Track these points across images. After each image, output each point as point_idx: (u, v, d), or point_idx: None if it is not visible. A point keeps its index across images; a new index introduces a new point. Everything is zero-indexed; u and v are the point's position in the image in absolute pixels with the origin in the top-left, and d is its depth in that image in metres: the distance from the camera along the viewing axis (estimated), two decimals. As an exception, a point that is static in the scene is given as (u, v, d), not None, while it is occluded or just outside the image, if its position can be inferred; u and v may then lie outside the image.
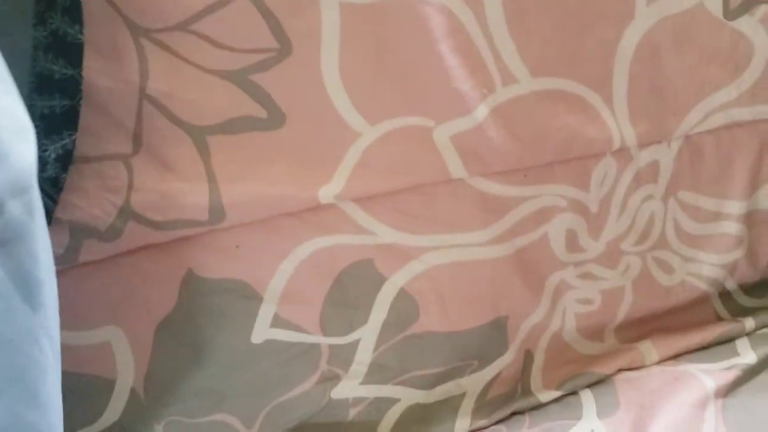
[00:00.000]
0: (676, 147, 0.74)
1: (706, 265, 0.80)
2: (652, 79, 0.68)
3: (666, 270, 0.79)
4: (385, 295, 0.67)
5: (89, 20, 0.51)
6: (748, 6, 0.69)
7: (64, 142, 0.53)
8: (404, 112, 0.61)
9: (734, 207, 0.78)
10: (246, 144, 0.58)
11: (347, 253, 0.65)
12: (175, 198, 0.58)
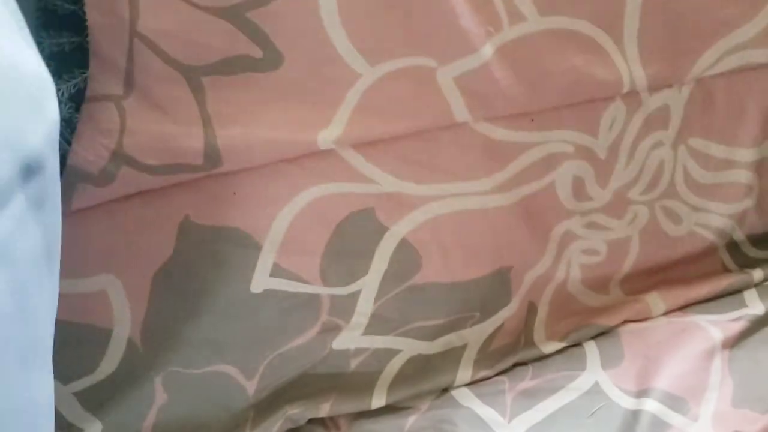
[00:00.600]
0: (687, 91, 0.71)
1: (715, 215, 0.79)
2: (665, 18, 0.65)
3: (674, 220, 0.78)
4: (387, 246, 0.66)
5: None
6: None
7: (76, 80, 0.52)
8: (406, 52, 0.59)
9: (745, 155, 0.76)
10: (242, 85, 0.56)
11: (348, 201, 0.63)
12: (169, 141, 0.56)
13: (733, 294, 0.78)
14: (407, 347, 0.71)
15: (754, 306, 0.75)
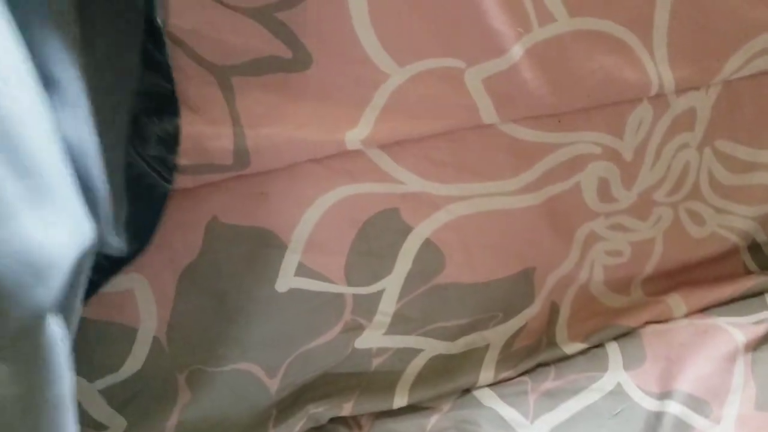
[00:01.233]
0: (714, 93, 0.71)
1: (738, 217, 0.79)
2: (695, 21, 0.64)
3: (697, 222, 0.78)
4: (411, 246, 0.66)
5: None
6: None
7: (164, 125, 0.52)
8: (435, 53, 0.58)
9: (770, 157, 0.76)
10: (271, 86, 0.56)
11: (373, 201, 0.63)
12: (199, 141, 0.56)
13: (755, 296, 0.78)
14: (429, 347, 0.71)
15: (776, 309, 0.75)
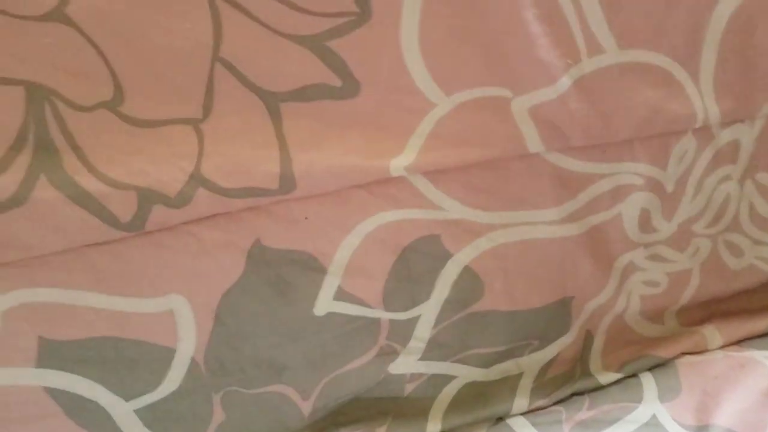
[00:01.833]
0: (759, 126, 0.70)
1: (776, 249, 0.78)
2: (743, 54, 0.64)
3: (735, 253, 0.77)
4: (449, 272, 0.65)
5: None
6: None
7: None
8: (482, 82, 0.58)
9: (810, 190, 0.75)
10: (319, 112, 0.56)
11: (414, 227, 0.63)
12: (246, 165, 0.56)
13: (792, 329, 0.78)
14: (463, 374, 0.70)
15: (815, 343, 0.74)
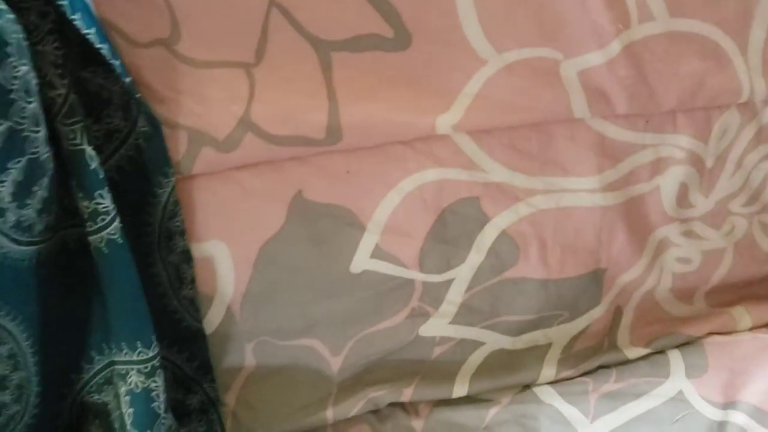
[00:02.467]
0: (803, 105, 0.70)
1: (811, 233, 0.78)
2: (793, 30, 0.64)
3: (769, 235, 0.77)
4: (486, 236, 0.65)
5: None
6: None
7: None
8: (534, 43, 0.59)
9: None
10: (369, 64, 0.57)
11: (455, 188, 0.63)
12: (294, 113, 0.56)
13: (821, 313, 0.77)
14: (491, 341, 0.70)
15: None
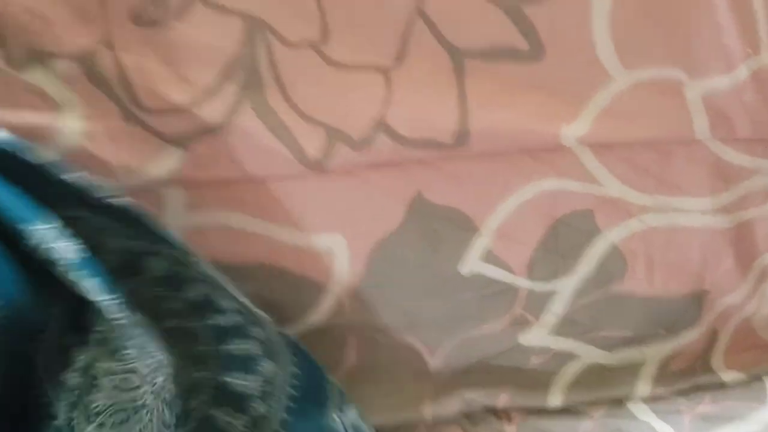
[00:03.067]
0: None
1: None
2: None
3: None
4: (596, 250, 0.66)
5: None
6: None
7: None
8: (662, 62, 0.60)
9: None
10: (501, 73, 0.59)
11: (570, 200, 0.64)
12: (427, 117, 0.58)
13: None
14: (587, 354, 0.71)
15: None
